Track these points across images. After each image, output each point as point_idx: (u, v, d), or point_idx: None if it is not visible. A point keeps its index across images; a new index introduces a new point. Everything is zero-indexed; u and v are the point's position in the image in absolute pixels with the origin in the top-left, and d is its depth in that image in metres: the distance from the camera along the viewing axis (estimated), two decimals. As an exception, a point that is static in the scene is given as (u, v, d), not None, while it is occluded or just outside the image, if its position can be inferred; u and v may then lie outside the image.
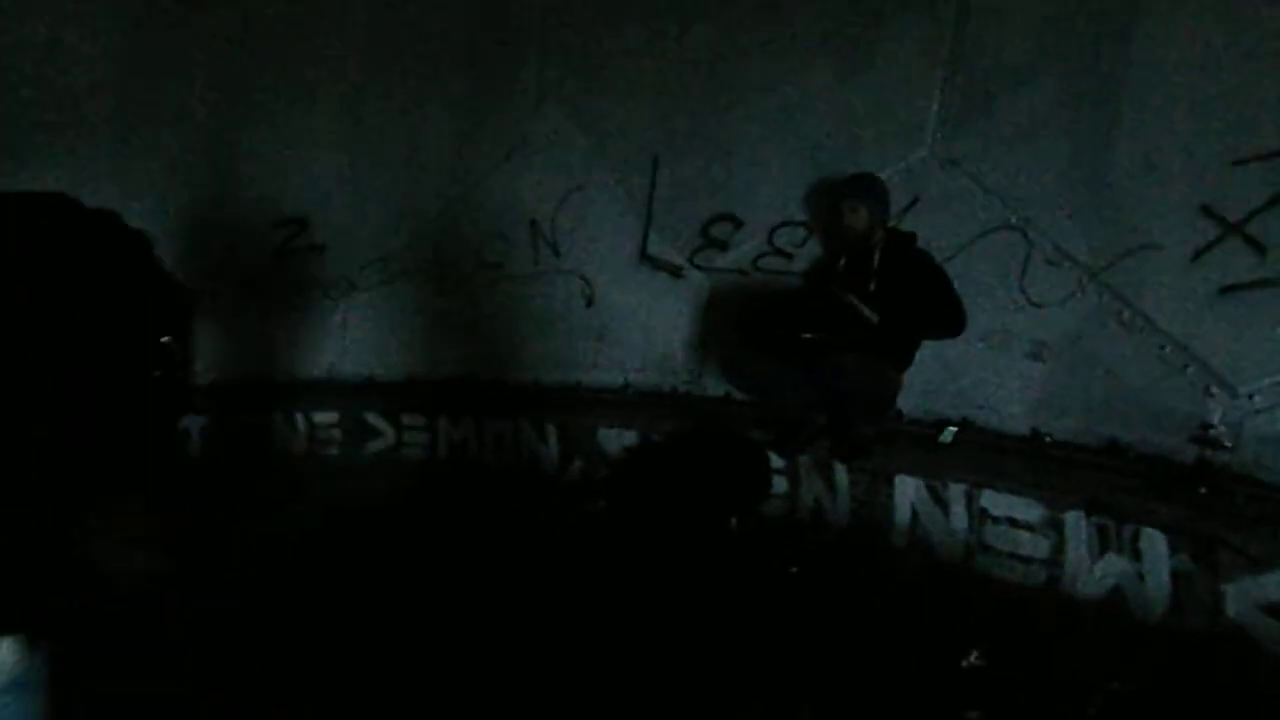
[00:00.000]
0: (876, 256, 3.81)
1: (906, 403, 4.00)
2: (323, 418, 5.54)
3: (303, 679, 2.70)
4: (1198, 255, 3.28)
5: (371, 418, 5.43)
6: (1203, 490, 3.04)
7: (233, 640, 2.89)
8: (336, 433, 5.51)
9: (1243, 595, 2.69)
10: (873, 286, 3.76)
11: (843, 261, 3.94)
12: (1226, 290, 3.22)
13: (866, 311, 3.64)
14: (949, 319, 3.63)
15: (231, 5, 5.68)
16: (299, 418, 5.57)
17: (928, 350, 3.83)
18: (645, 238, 4.98)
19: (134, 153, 5.80)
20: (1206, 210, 3.25)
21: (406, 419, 5.36)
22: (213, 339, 6.10)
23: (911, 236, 3.86)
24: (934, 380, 3.98)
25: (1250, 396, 3.16)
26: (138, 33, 5.66)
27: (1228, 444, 3.18)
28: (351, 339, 5.97)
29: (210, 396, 5.78)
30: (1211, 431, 3.22)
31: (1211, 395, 3.24)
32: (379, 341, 5.88)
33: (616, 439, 4.51)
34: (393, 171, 5.68)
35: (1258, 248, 3.14)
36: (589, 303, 5.20)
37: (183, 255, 5.99)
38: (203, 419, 5.65)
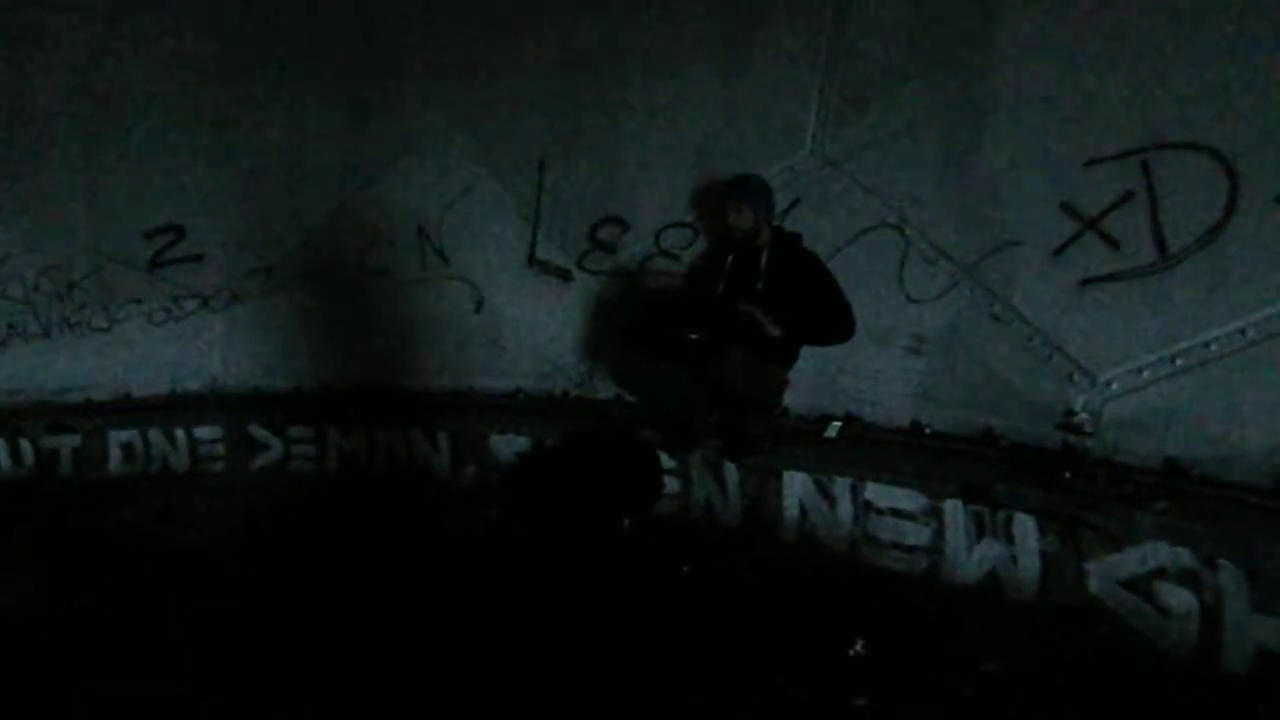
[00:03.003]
0: (764, 257, 3.86)
1: (793, 399, 4.07)
2: (205, 433, 5.32)
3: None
4: (1059, 250, 3.44)
5: (257, 431, 5.24)
6: (1067, 474, 3.17)
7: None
8: (220, 448, 5.30)
9: (1104, 572, 2.83)
10: (760, 285, 3.80)
11: (729, 261, 3.97)
12: (1086, 283, 3.38)
13: (769, 325, 3.69)
14: (840, 325, 3.71)
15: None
16: (179, 433, 5.32)
17: (811, 347, 3.90)
18: (533, 242, 4.95)
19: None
20: (1066, 207, 3.41)
21: (294, 431, 5.19)
22: (87, 355, 5.82)
23: (797, 236, 3.93)
24: (818, 376, 4.05)
25: (1108, 384, 3.32)
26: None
27: (1089, 430, 3.33)
28: (234, 351, 5.75)
29: (85, 415, 5.50)
30: (1074, 418, 3.37)
31: (1073, 383, 3.40)
32: (263, 352, 5.69)
33: (508, 445, 4.46)
34: (275, 178, 5.50)
35: (1112, 243, 3.30)
36: (478, 308, 5.13)
37: (43, 270, 5.72)
38: (76, 439, 5.37)
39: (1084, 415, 3.35)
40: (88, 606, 3.40)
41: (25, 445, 5.44)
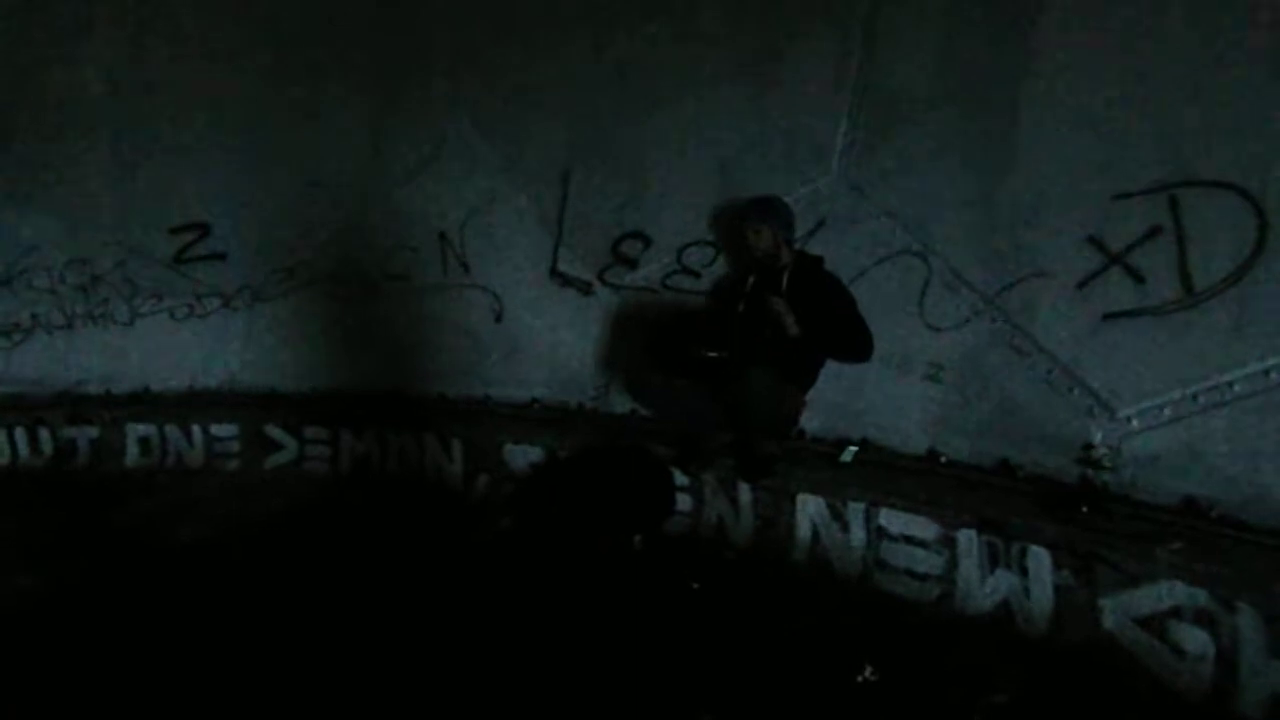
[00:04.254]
0: (785, 278, 3.86)
1: (809, 422, 4.07)
2: (221, 430, 5.36)
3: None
4: (1082, 284, 3.41)
5: (272, 430, 5.27)
6: (1084, 509, 3.15)
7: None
8: (235, 445, 5.34)
9: (1118, 609, 2.79)
10: (781, 308, 3.81)
11: (751, 281, 3.98)
12: (1108, 317, 3.35)
13: (790, 321, 3.68)
14: (857, 344, 3.71)
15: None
16: (196, 430, 5.37)
17: (830, 370, 3.90)
18: (555, 254, 4.97)
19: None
20: (1092, 240, 3.39)
21: (309, 432, 5.23)
22: (109, 349, 5.89)
23: (819, 260, 3.93)
24: (836, 400, 4.04)
25: (1128, 419, 3.29)
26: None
27: (1107, 464, 3.31)
28: (253, 350, 5.80)
29: (104, 407, 5.56)
30: (1093, 452, 3.35)
31: (1093, 417, 3.38)
32: (282, 353, 5.74)
33: (522, 455, 4.46)
34: (300, 181, 5.56)
35: (1137, 278, 3.28)
36: (497, 317, 5.16)
37: (69, 262, 5.80)
38: (94, 430, 5.43)
39: (1103, 450, 3.32)
40: (97, 596, 3.43)
41: (45, 435, 5.50)
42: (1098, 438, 3.35)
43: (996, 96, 3.65)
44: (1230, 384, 3.06)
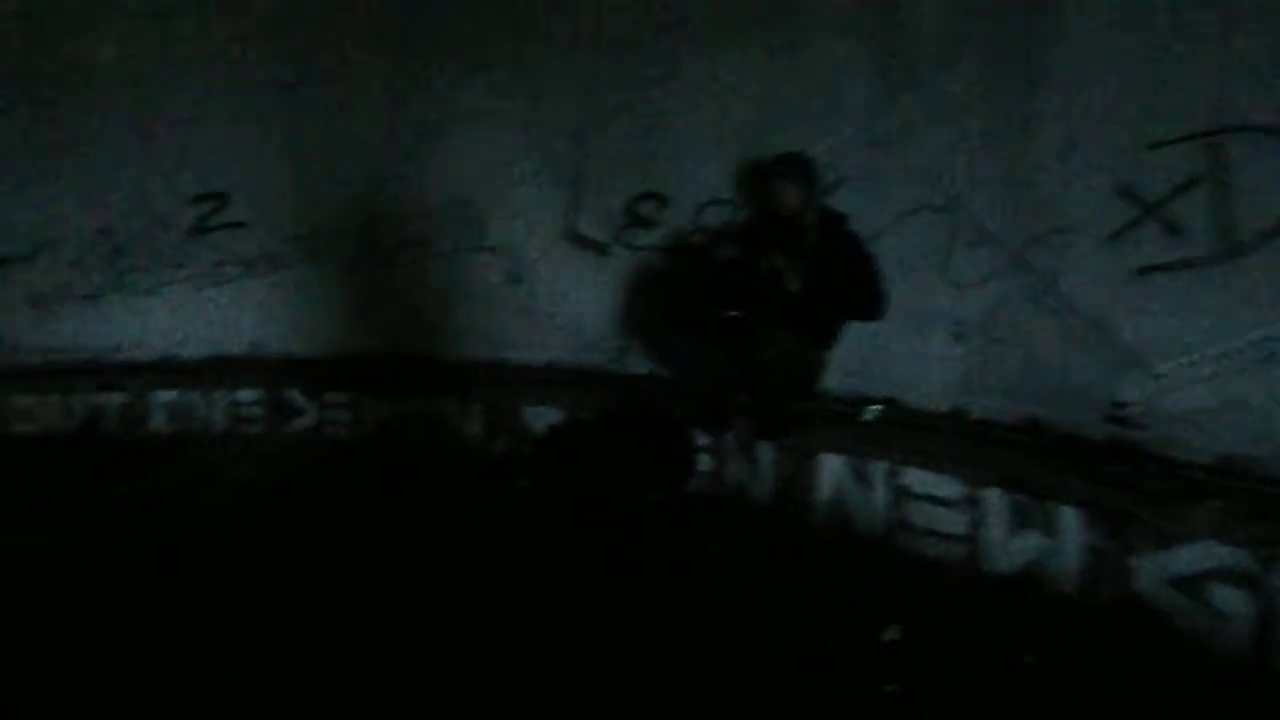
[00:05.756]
0: (809, 236, 3.77)
1: (831, 381, 4.00)
2: (244, 396, 5.39)
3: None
4: (1114, 236, 3.30)
5: (294, 396, 5.28)
6: (1116, 467, 3.06)
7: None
8: (258, 411, 5.36)
9: (1152, 569, 2.71)
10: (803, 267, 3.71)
11: (772, 239, 3.88)
12: (1142, 271, 3.24)
13: (790, 278, 3.60)
14: (870, 301, 3.62)
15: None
16: (219, 396, 5.40)
17: (852, 329, 3.82)
18: (572, 215, 4.91)
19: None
20: (1125, 192, 3.26)
21: (329, 397, 5.23)
22: (133, 317, 5.94)
23: (843, 217, 3.83)
24: (858, 359, 3.97)
25: (1162, 376, 3.19)
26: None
27: (1140, 422, 3.21)
28: (273, 316, 5.81)
29: (131, 374, 5.61)
30: (1125, 409, 3.25)
31: (1125, 374, 3.28)
32: (301, 319, 5.75)
33: (540, 417, 4.43)
34: (316, 147, 5.53)
35: (1175, 229, 3.16)
36: (514, 280, 5.12)
37: (95, 232, 5.84)
38: (122, 396, 5.48)
39: (1135, 407, 3.23)
40: (117, 558, 3.46)
41: (76, 402, 5.57)
42: (1130, 394, 3.25)
43: (1022, 43, 3.52)
44: (1272, 339, 2.95)
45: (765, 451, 3.78)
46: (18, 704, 2.44)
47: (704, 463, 3.96)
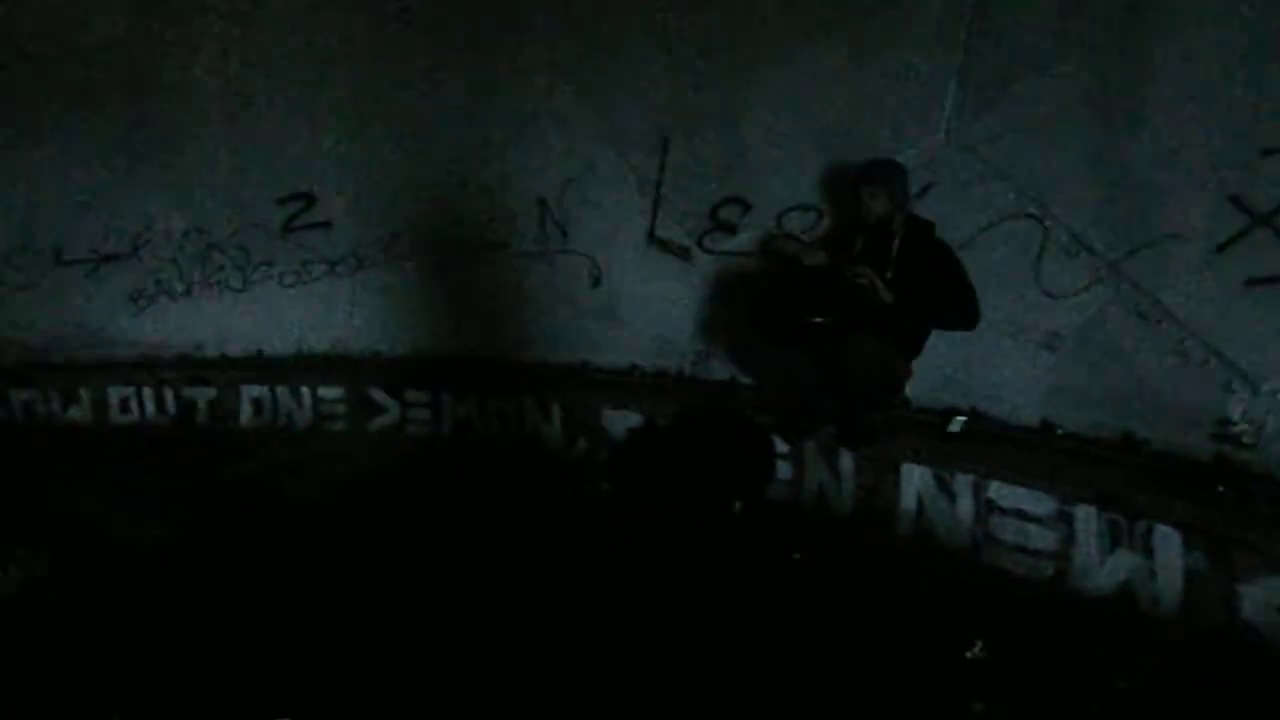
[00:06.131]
0: (896, 243, 3.70)
1: (915, 391, 3.93)
2: (328, 393, 5.54)
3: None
4: (1223, 247, 3.17)
5: (376, 393, 5.41)
6: (1221, 488, 2.94)
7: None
8: (341, 408, 5.50)
9: (1259, 596, 2.60)
10: (889, 274, 3.65)
11: (859, 246, 3.84)
12: (1253, 283, 3.11)
13: (882, 291, 3.55)
14: (963, 311, 3.53)
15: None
16: (304, 392, 5.56)
17: (938, 338, 3.75)
18: (654, 219, 4.91)
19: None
20: (1234, 201, 3.13)
21: (411, 395, 5.35)
22: (223, 313, 6.16)
23: (930, 225, 3.76)
24: (944, 369, 3.90)
25: (1274, 394, 3.06)
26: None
27: (1248, 441, 3.08)
28: (357, 315, 5.95)
29: (220, 370, 5.83)
30: (1232, 428, 3.13)
31: (1233, 391, 3.15)
32: (385, 318, 5.88)
33: (621, 420, 4.46)
34: (401, 148, 5.65)
35: (1287, 241, 3.03)
36: (596, 283, 5.15)
37: (187, 232, 6.07)
38: (213, 390, 5.69)
39: (1243, 425, 3.10)
40: (220, 549, 3.59)
41: (169, 395, 5.80)
42: (1237, 413, 3.13)
43: (1123, 47, 3.40)
44: (1390, 357, 2.81)
45: (847, 460, 3.73)
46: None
47: (784, 470, 3.92)
